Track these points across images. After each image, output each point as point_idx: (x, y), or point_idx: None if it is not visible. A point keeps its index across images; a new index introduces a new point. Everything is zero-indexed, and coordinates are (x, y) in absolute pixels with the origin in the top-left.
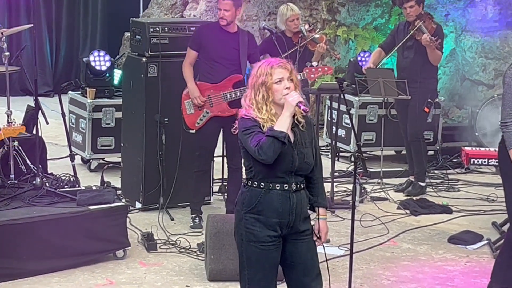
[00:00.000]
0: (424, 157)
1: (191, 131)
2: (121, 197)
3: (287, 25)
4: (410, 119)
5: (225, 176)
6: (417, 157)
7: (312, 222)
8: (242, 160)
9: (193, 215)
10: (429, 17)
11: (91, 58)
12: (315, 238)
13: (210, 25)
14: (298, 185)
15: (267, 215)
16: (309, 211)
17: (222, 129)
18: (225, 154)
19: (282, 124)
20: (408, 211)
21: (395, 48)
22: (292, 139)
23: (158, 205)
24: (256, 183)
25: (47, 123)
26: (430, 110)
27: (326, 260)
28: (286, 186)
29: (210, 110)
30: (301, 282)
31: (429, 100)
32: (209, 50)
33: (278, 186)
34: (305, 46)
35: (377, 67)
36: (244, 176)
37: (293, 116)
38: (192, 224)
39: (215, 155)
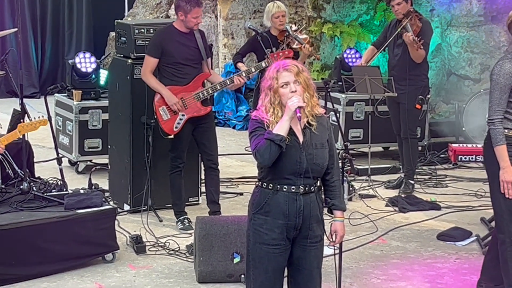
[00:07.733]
0: (415, 155)
1: (169, 137)
2: (109, 200)
3: (273, 21)
4: (402, 116)
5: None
6: (409, 154)
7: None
8: (219, 158)
9: (180, 218)
10: (416, 15)
11: (77, 60)
12: (328, 240)
13: (166, 30)
14: (307, 188)
15: (274, 216)
16: (328, 214)
17: (195, 128)
18: (200, 153)
19: (280, 128)
20: (396, 208)
21: (385, 45)
22: (300, 140)
23: (146, 206)
24: (265, 184)
25: None
26: (422, 107)
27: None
28: (293, 188)
29: (185, 113)
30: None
31: (420, 96)
32: (173, 54)
33: (285, 188)
34: (289, 45)
35: (368, 64)
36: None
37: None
38: (182, 226)
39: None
